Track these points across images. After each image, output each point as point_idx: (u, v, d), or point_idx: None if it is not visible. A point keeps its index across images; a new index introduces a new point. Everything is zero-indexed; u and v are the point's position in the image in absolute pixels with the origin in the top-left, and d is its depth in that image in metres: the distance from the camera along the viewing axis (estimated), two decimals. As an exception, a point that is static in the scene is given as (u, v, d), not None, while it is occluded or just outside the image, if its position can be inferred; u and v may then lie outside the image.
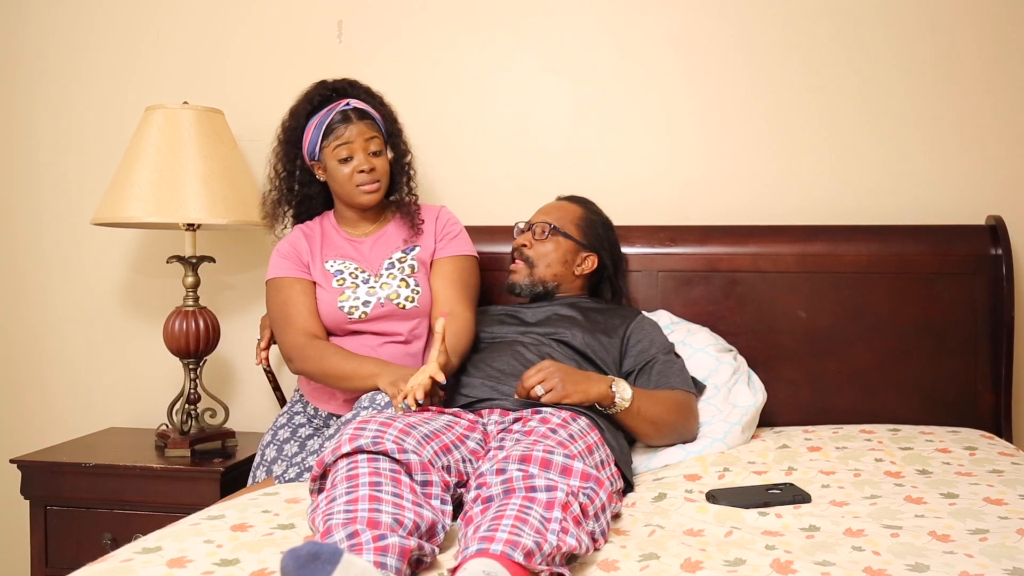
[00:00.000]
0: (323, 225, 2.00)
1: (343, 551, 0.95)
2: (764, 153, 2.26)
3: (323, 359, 1.80)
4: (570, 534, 1.15)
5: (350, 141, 1.86)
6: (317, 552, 0.94)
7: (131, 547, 1.25)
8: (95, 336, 2.56)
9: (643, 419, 1.69)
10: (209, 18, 2.47)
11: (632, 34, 2.30)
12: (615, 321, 1.90)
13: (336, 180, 1.90)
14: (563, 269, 1.98)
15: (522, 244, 1.99)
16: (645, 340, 1.87)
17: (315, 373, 1.82)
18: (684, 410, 1.77)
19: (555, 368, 1.60)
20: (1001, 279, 2.02)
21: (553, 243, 1.97)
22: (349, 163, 1.87)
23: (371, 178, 1.89)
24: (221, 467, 2.01)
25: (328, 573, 0.93)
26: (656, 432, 1.73)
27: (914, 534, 1.27)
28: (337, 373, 1.77)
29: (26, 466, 2.09)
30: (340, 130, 1.86)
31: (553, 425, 1.42)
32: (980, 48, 2.17)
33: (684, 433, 1.78)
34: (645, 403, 1.69)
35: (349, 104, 1.89)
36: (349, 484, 1.23)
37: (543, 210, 2.05)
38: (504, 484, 1.24)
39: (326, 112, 1.88)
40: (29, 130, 2.57)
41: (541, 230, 1.98)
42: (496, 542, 1.07)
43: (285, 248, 1.95)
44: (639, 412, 1.67)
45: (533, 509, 1.16)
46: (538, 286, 1.97)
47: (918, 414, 2.03)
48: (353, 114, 1.88)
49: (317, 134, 1.88)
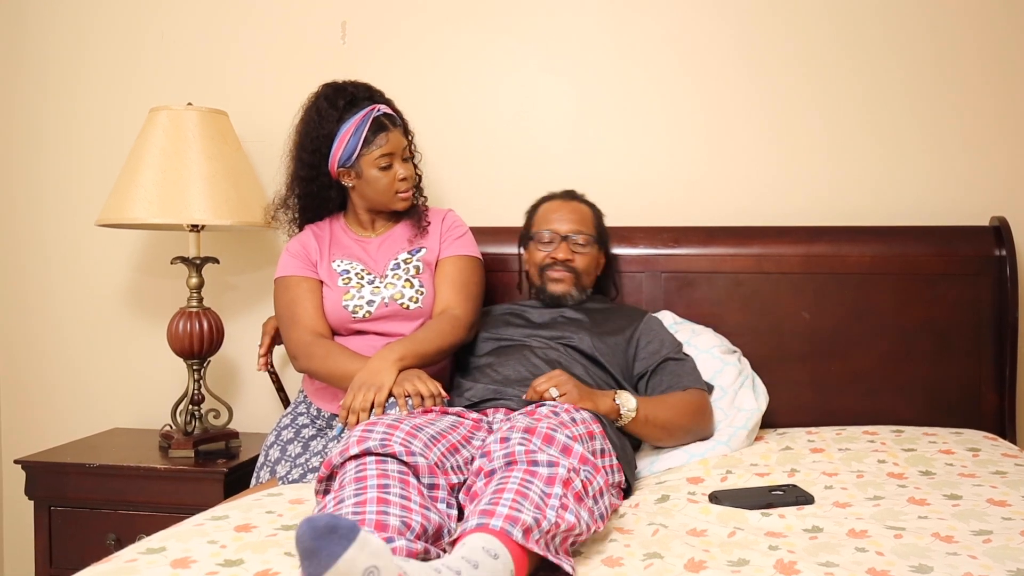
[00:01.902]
0: (332, 226, 2.01)
1: (360, 528, 0.94)
2: (766, 154, 2.26)
3: (328, 358, 1.81)
4: (569, 510, 1.16)
5: (392, 151, 1.87)
6: (335, 525, 0.93)
7: (135, 547, 1.25)
8: (99, 337, 2.56)
9: (653, 426, 1.70)
10: (213, 19, 2.48)
11: (633, 35, 2.30)
12: (622, 322, 1.90)
13: (374, 188, 1.90)
14: (596, 273, 2.03)
15: (567, 258, 1.96)
16: (655, 342, 1.87)
17: (319, 372, 1.83)
18: (697, 410, 1.77)
19: (568, 378, 1.63)
20: (1005, 280, 2.02)
21: (592, 251, 2.00)
22: (389, 171, 1.88)
23: (409, 185, 1.91)
24: (225, 468, 2.02)
25: (344, 548, 0.92)
26: (669, 436, 1.74)
27: (917, 535, 1.27)
28: (341, 372, 1.78)
29: (30, 467, 2.09)
30: (381, 139, 1.86)
31: (557, 410, 1.43)
32: (982, 48, 2.17)
33: (699, 432, 1.78)
34: (653, 410, 1.70)
35: (380, 110, 1.88)
36: (357, 486, 1.23)
37: (568, 217, 2.01)
38: (507, 456, 1.24)
39: (361, 119, 1.85)
40: (33, 131, 2.58)
41: (584, 241, 1.98)
42: (496, 517, 1.07)
43: (295, 247, 1.96)
44: (648, 420, 1.68)
45: (534, 483, 1.17)
46: (583, 293, 2.00)
47: (921, 415, 2.03)
48: (388, 121, 1.88)
49: (356, 142, 1.85)
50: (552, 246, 1.98)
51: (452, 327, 1.84)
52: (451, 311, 1.87)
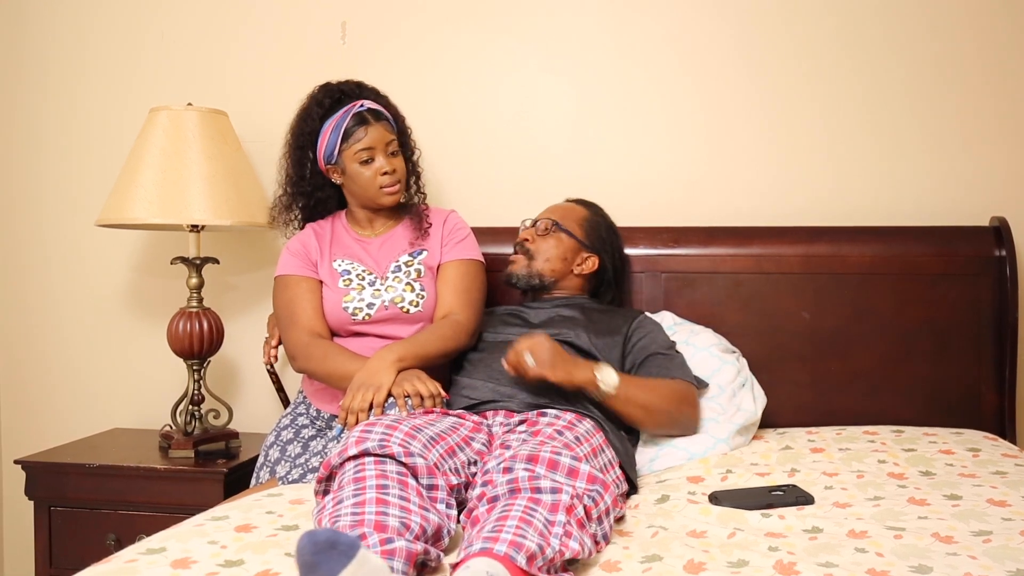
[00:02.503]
0: (334, 224, 2.01)
1: (360, 545, 0.94)
2: (766, 154, 2.26)
3: (326, 359, 1.81)
4: (573, 538, 1.15)
5: (371, 145, 1.87)
6: (335, 541, 0.93)
7: (135, 548, 1.26)
8: (99, 337, 2.56)
9: (633, 404, 1.68)
10: (213, 19, 2.48)
11: (633, 35, 2.30)
12: (618, 321, 1.90)
13: (358, 183, 1.90)
14: (562, 266, 1.98)
15: (524, 238, 2.00)
16: (646, 338, 1.87)
17: (318, 372, 1.83)
18: (680, 398, 1.75)
19: (548, 343, 1.61)
20: (1005, 280, 2.02)
21: (555, 239, 1.98)
22: (370, 165, 1.88)
23: (394, 179, 1.90)
24: (225, 468, 2.02)
25: (343, 565, 0.92)
26: (649, 418, 1.72)
27: (917, 535, 1.27)
28: (340, 373, 1.78)
29: (30, 467, 2.09)
30: (359, 133, 1.86)
31: (560, 427, 1.42)
32: (982, 48, 2.17)
33: (682, 421, 1.76)
34: (633, 389, 1.69)
35: (363, 106, 1.89)
36: (356, 487, 1.23)
37: (549, 209, 2.07)
38: (510, 484, 1.24)
39: (342, 115, 1.87)
40: (33, 132, 2.58)
41: (544, 226, 1.99)
42: (500, 542, 1.07)
43: (295, 246, 1.96)
44: (627, 398, 1.67)
45: (538, 511, 1.16)
46: (534, 279, 1.97)
47: (921, 415, 2.03)
48: (370, 116, 1.88)
49: (335, 137, 1.87)
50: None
51: (454, 332, 1.84)
52: (454, 316, 1.87)
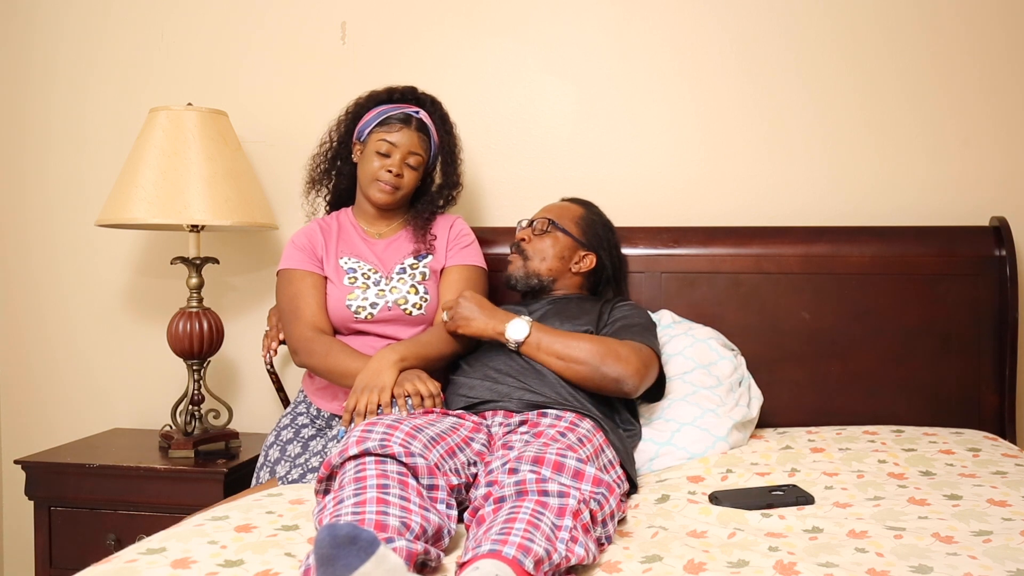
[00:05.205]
0: (340, 220, 2.02)
1: (380, 543, 0.94)
2: (765, 154, 2.26)
3: (328, 355, 1.81)
4: (579, 543, 1.15)
5: (396, 143, 1.91)
6: (355, 536, 0.93)
7: (135, 548, 1.25)
8: (99, 337, 2.56)
9: (547, 353, 1.70)
10: (213, 20, 2.47)
11: (634, 37, 2.30)
12: (597, 305, 1.89)
13: (364, 168, 1.95)
14: (559, 265, 1.97)
15: (521, 239, 2.01)
16: (619, 311, 1.87)
17: (319, 368, 1.83)
18: (608, 352, 1.68)
19: (472, 300, 1.77)
20: (1005, 280, 2.02)
21: (551, 239, 1.98)
22: (383, 159, 1.91)
23: (393, 182, 1.92)
24: (225, 468, 2.02)
25: (362, 561, 0.92)
26: (568, 369, 1.69)
27: (917, 535, 1.27)
28: (341, 370, 1.78)
29: (30, 467, 2.09)
30: (394, 127, 1.92)
31: (562, 428, 1.43)
32: (980, 48, 2.17)
33: (610, 375, 1.67)
34: (547, 339, 1.71)
35: (415, 111, 1.95)
36: (356, 486, 1.23)
37: (545, 208, 2.07)
38: (517, 485, 1.24)
39: (393, 106, 1.94)
40: (33, 131, 2.58)
41: (540, 226, 1.99)
42: (509, 545, 1.07)
43: (301, 240, 1.96)
44: (540, 346, 1.71)
45: (545, 515, 1.16)
46: (532, 279, 1.97)
47: (921, 415, 2.03)
48: (413, 121, 1.93)
49: (375, 119, 1.93)
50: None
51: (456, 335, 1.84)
52: None
